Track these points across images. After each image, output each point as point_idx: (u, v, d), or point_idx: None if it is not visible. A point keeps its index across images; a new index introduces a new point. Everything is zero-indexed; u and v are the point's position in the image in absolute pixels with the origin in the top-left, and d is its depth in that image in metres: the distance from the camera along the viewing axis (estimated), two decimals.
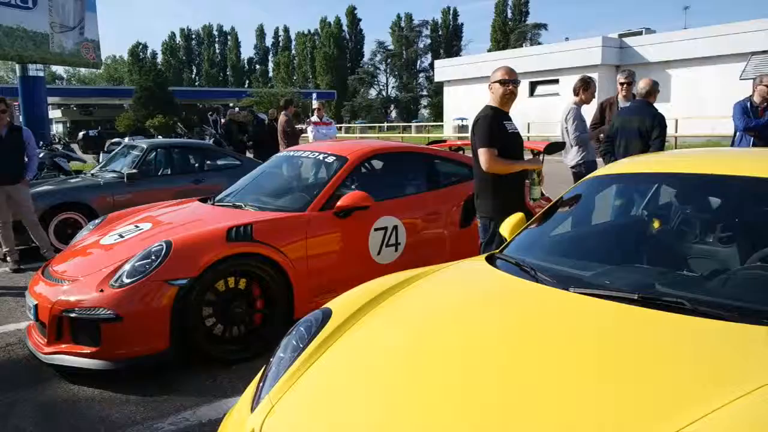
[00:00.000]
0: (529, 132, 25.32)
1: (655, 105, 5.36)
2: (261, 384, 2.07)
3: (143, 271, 3.53)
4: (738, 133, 6.04)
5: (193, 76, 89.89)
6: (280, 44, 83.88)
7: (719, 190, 2.69)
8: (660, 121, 5.10)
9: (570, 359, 1.71)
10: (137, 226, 4.34)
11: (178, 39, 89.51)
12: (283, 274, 3.93)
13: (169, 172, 8.12)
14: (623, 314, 1.94)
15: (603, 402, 1.51)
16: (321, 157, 4.82)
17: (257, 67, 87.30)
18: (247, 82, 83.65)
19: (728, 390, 1.47)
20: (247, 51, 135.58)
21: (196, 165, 8.34)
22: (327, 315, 2.23)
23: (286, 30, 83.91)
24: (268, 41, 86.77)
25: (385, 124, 49.54)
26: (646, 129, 5.08)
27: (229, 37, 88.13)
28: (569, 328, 1.91)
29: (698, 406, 1.42)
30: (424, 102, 70.00)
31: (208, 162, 8.45)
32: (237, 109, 14.56)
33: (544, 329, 1.93)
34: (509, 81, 3.96)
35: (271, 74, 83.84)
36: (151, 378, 3.54)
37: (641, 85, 5.37)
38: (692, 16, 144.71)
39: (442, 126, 35.19)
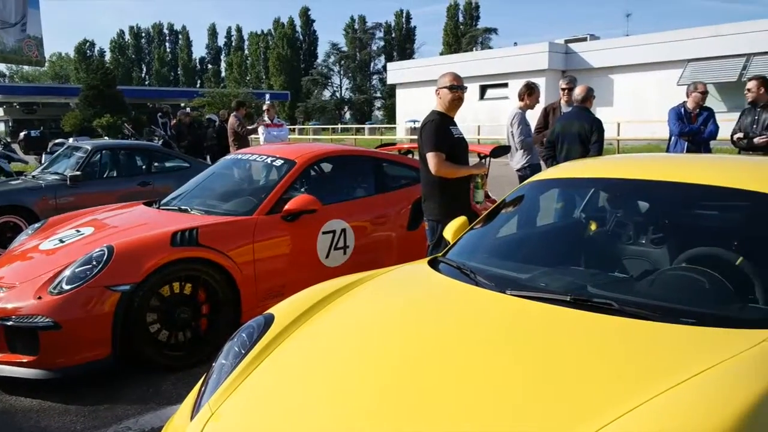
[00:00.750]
0: (479, 134, 25.71)
1: (599, 109, 5.56)
2: (202, 391, 2.07)
3: (84, 277, 3.45)
4: (673, 138, 6.29)
5: (143, 75, 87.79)
6: (233, 44, 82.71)
7: (651, 195, 2.81)
8: (598, 126, 5.29)
9: (501, 361, 1.77)
10: (78, 231, 4.24)
11: (127, 37, 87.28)
12: (230, 279, 3.91)
13: (114, 175, 7.93)
14: (555, 316, 2.02)
15: (530, 402, 1.58)
16: (269, 160, 4.80)
17: (209, 66, 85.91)
18: (199, 81, 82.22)
19: (647, 388, 1.55)
20: (199, 50, 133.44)
21: (143, 167, 8.17)
22: (269, 320, 2.24)
23: (239, 30, 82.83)
24: (221, 41, 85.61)
25: (339, 126, 49.44)
26: (586, 133, 5.27)
27: (180, 36, 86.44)
28: (503, 331, 1.98)
29: (619, 404, 1.50)
30: (377, 104, 70.15)
31: (156, 164, 8.28)
32: (188, 109, 14.29)
33: (479, 332, 1.99)
34: (458, 87, 4.04)
35: (223, 74, 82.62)
36: (92, 387, 3.47)
37: (577, 92, 5.57)
38: (634, 24, 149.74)
39: (395, 128, 35.37)
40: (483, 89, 30.00)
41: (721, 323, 1.92)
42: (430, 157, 3.95)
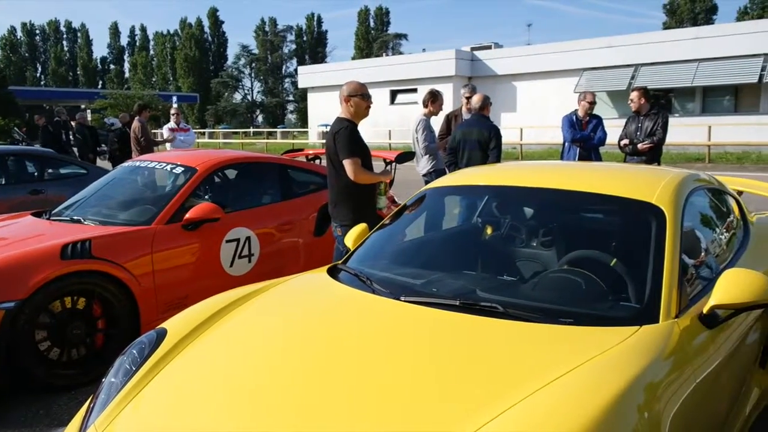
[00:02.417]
0: (390, 139, 26.01)
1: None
2: (89, 410, 2.01)
3: None
4: (566, 144, 6.67)
5: (38, 74, 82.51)
6: (137, 44, 79.40)
7: (537, 201, 2.98)
8: (496, 133, 5.53)
9: (389, 368, 1.83)
10: None
11: (19, 34, 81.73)
12: (127, 292, 3.78)
13: (2, 183, 7.42)
14: (445, 321, 2.10)
15: (413, 406, 1.64)
16: (169, 167, 4.66)
17: (111, 67, 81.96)
18: (101, 82, 78.36)
19: (523, 388, 1.65)
20: (100, 50, 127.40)
21: (35, 174, 7.70)
22: (161, 335, 2.20)
23: (143, 29, 79.65)
24: (124, 40, 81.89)
25: (251, 130, 48.59)
26: (485, 140, 5.49)
27: (79, 34, 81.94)
28: (394, 338, 2.04)
29: (496, 405, 1.59)
30: (290, 107, 69.48)
31: (50, 171, 7.83)
32: (89, 112, 13.56)
33: (371, 339, 2.04)
34: (369, 96, 4.18)
35: (127, 75, 79.10)
36: None
37: (475, 100, 5.80)
38: (534, 33, 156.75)
39: (308, 132, 35.19)
40: (393, 94, 30.38)
41: (595, 322, 2.07)
42: (349, 164, 4.00)
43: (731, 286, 2.05)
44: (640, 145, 6.20)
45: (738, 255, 2.83)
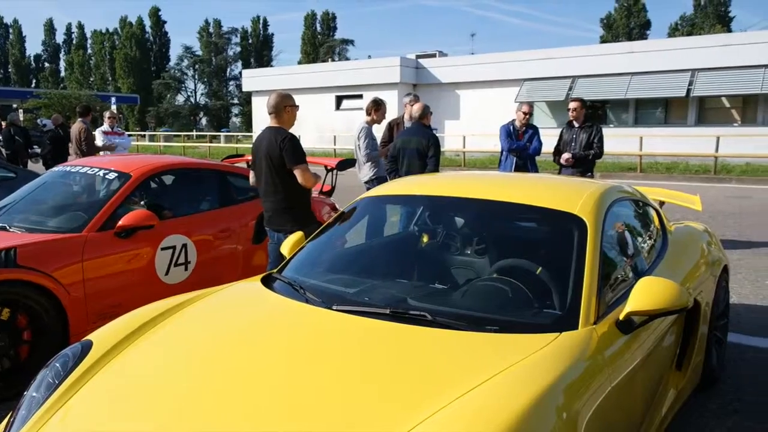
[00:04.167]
0: (335, 144, 25.98)
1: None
2: (8, 426, 1.94)
3: None
4: (504, 153, 6.84)
5: None
6: (74, 42, 76.59)
7: (469, 211, 3.06)
8: (434, 142, 5.63)
9: (317, 375, 1.85)
10: None
11: None
12: (56, 301, 3.66)
13: None
14: (375, 329, 2.14)
15: (343, 411, 1.67)
16: (102, 173, 4.54)
17: (46, 65, 78.78)
18: (35, 81, 75.23)
19: (445, 395, 1.70)
20: (34, 47, 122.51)
21: None
22: (86, 347, 2.15)
23: (81, 27, 76.88)
24: (59, 38, 78.85)
25: (194, 133, 47.59)
26: (423, 149, 5.58)
27: (10, 30, 78.44)
28: (325, 347, 2.06)
29: (418, 412, 1.63)
30: (235, 110, 68.43)
31: None
32: (21, 111, 13.00)
33: (302, 349, 2.05)
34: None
35: (63, 74, 76.20)
36: None
37: (415, 109, 5.90)
38: (478, 43, 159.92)
39: (252, 136, 34.73)
40: (339, 100, 30.38)
41: (519, 329, 2.15)
42: (303, 171, 4.05)
43: (645, 294, 2.17)
44: (564, 156, 6.48)
45: (656, 263, 2.98)
